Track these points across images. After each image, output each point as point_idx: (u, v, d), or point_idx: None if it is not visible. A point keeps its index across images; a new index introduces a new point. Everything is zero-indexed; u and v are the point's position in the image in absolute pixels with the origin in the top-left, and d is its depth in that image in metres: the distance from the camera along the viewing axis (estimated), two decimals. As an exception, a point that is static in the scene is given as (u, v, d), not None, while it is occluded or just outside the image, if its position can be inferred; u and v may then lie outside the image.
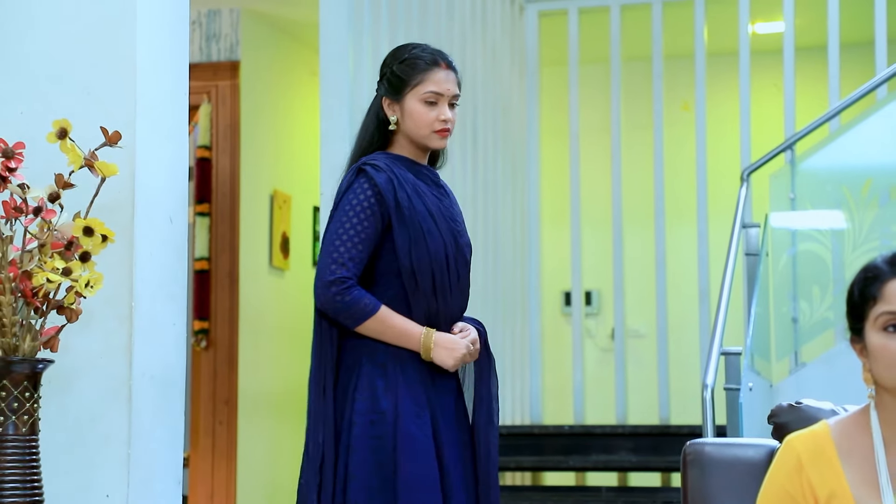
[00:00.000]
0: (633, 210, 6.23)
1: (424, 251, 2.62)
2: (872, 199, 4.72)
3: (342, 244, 2.61)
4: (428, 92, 2.68)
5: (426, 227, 2.63)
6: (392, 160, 2.69)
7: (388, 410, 2.60)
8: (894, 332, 1.80)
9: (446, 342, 2.64)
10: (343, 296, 2.59)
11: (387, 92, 2.72)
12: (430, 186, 2.72)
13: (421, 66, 2.69)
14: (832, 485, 1.84)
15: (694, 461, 2.33)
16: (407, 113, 2.69)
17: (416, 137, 2.70)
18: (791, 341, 4.67)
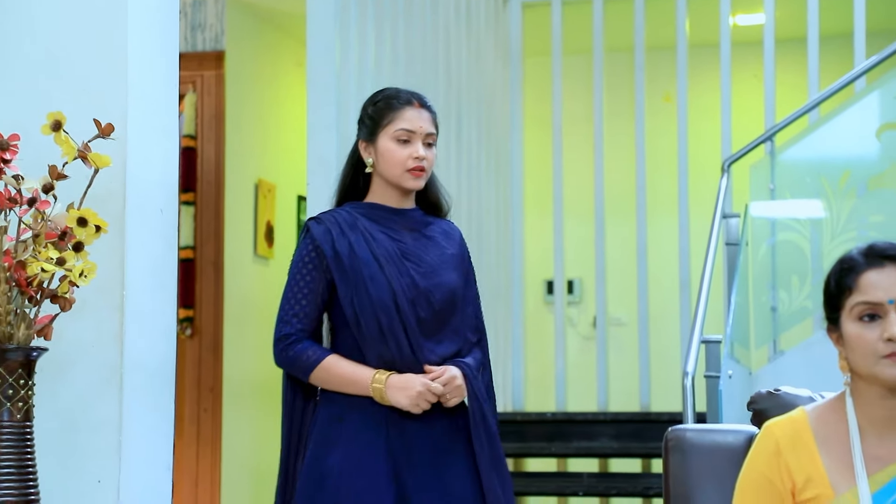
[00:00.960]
0: (615, 200, 6.28)
1: (366, 297, 2.57)
2: (850, 190, 4.78)
3: (286, 302, 2.66)
4: (399, 130, 2.65)
5: (367, 272, 2.59)
6: (353, 209, 2.69)
7: (336, 466, 2.56)
8: (869, 322, 1.85)
9: (399, 381, 2.56)
10: (287, 351, 2.64)
11: (362, 134, 2.71)
12: (392, 230, 2.67)
13: (394, 105, 2.67)
14: (809, 469, 1.90)
15: (675, 447, 2.37)
16: (380, 153, 2.66)
17: (390, 178, 2.67)
18: (770, 330, 4.73)
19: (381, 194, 2.71)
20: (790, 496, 1.90)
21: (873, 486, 1.85)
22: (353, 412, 2.59)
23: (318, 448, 2.60)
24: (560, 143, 6.05)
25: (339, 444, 2.58)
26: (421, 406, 2.56)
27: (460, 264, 2.75)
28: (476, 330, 2.77)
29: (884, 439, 1.87)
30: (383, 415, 2.58)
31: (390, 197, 2.70)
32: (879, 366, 1.83)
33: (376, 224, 2.66)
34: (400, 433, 2.58)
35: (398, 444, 2.58)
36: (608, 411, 5.74)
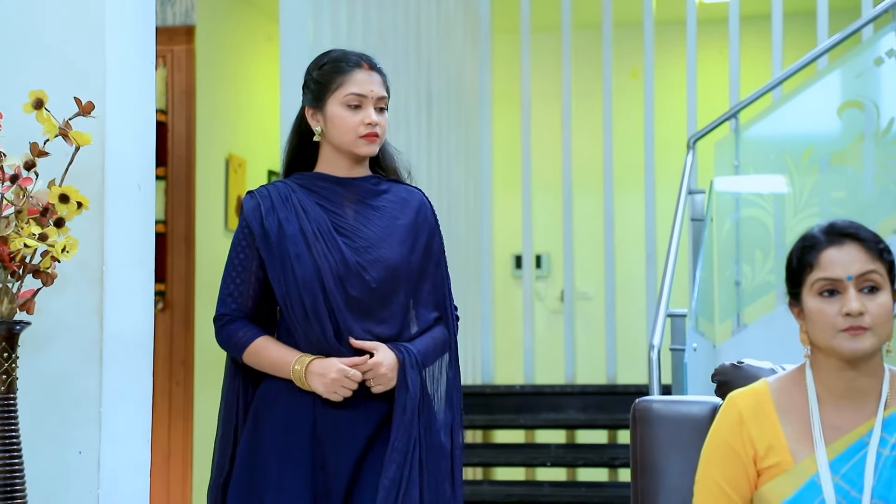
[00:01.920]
0: (582, 175, 6.34)
1: (291, 277, 2.43)
2: (813, 167, 4.87)
3: (223, 281, 2.56)
4: (350, 94, 2.48)
5: (294, 251, 2.44)
6: (291, 180, 2.54)
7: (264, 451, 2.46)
8: (829, 297, 1.92)
9: (317, 367, 2.42)
10: (220, 332, 2.56)
11: (308, 100, 2.54)
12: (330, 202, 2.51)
13: (343, 68, 2.50)
14: (770, 438, 1.97)
15: (642, 418, 2.44)
16: (330, 119, 2.50)
17: (342, 145, 2.50)
18: (734, 304, 4.82)
19: (330, 163, 2.54)
20: (752, 464, 1.98)
21: (831, 453, 1.92)
22: (283, 395, 2.47)
23: (252, 433, 2.50)
24: (528, 119, 6.10)
25: (268, 429, 2.47)
26: (339, 393, 2.41)
27: (412, 235, 2.54)
28: (436, 306, 2.57)
29: (841, 409, 1.95)
30: (311, 401, 2.45)
31: (339, 165, 2.53)
32: (838, 339, 1.91)
33: (315, 196, 2.51)
34: (331, 420, 2.45)
35: (327, 431, 2.45)
36: (575, 384, 5.82)
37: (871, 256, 1.92)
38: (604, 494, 5.49)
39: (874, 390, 1.94)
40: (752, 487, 1.98)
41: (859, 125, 4.81)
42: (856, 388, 1.94)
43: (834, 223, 1.97)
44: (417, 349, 2.50)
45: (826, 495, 1.89)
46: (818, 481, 1.91)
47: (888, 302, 1.92)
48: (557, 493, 5.42)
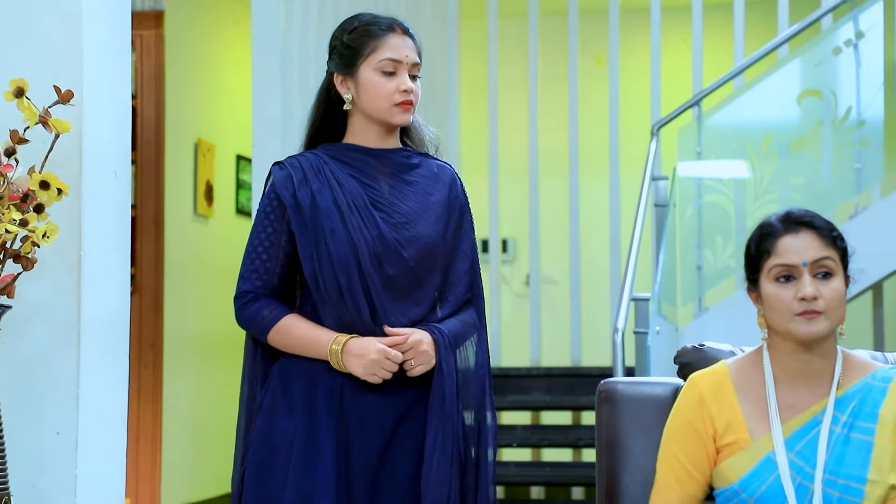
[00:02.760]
0: (548, 161, 6.42)
1: (325, 253, 2.30)
2: (773, 154, 4.98)
3: (247, 257, 2.40)
4: (384, 59, 2.34)
5: (328, 225, 2.30)
6: (326, 152, 2.40)
7: (287, 433, 2.32)
8: (785, 283, 2.01)
9: (355, 347, 2.28)
10: (242, 311, 2.40)
11: (338, 66, 2.39)
12: (365, 175, 2.37)
13: (375, 32, 2.36)
14: (729, 417, 2.06)
15: (607, 398, 2.52)
16: (362, 86, 2.35)
17: (374, 113, 2.36)
18: (695, 288, 4.92)
19: (360, 133, 2.40)
20: (712, 441, 2.07)
21: (786, 431, 2.01)
22: (307, 374, 2.34)
23: (269, 413, 2.36)
24: (495, 104, 6.16)
25: (287, 410, 2.34)
26: (379, 375, 2.27)
27: (446, 212, 2.40)
28: (469, 287, 2.44)
29: (796, 389, 2.04)
30: (339, 382, 2.31)
31: (371, 136, 2.39)
32: (794, 323, 1.99)
33: (347, 168, 2.37)
34: (358, 404, 2.31)
35: (354, 415, 2.31)
36: (541, 366, 5.90)
37: (825, 244, 2.01)
38: (568, 474, 5.60)
39: (827, 371, 2.03)
40: (711, 464, 2.07)
41: (818, 113, 4.92)
42: (810, 369, 2.03)
43: (790, 212, 2.06)
44: (449, 330, 2.36)
45: (781, 471, 1.98)
46: (774, 458, 2.00)
47: (841, 287, 2.01)
48: (523, 472, 5.51)
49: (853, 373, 2.04)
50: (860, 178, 4.80)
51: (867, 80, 4.77)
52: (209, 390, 6.56)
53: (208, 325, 6.53)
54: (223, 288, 6.72)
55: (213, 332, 6.61)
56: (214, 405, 6.63)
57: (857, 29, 4.77)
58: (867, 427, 1.97)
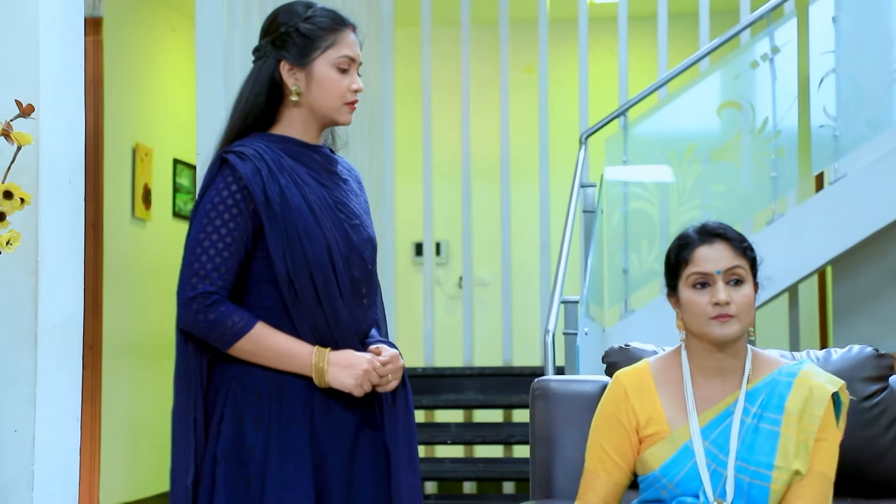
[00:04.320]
0: (481, 167, 6.58)
1: (300, 254, 2.17)
2: (695, 162, 5.20)
3: (204, 252, 2.19)
4: (342, 56, 2.23)
5: (303, 224, 2.18)
6: (269, 143, 2.25)
7: (257, 447, 2.19)
8: (701, 289, 2.20)
9: (342, 359, 2.19)
10: (206, 314, 2.17)
11: (289, 55, 2.24)
12: (317, 173, 2.27)
13: (335, 27, 2.25)
14: (650, 410, 2.24)
15: (540, 395, 2.70)
16: (316, 80, 2.23)
17: (323, 110, 2.25)
18: (622, 290, 5.12)
19: (298, 126, 2.27)
20: (635, 433, 2.25)
21: (702, 422, 2.20)
22: (271, 391, 2.21)
23: (236, 426, 2.22)
24: (429, 110, 6.29)
25: (261, 424, 2.21)
26: (364, 387, 2.20)
27: (368, 209, 2.38)
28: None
29: (711, 384, 2.23)
30: (309, 393, 2.22)
31: (311, 131, 2.28)
32: (708, 325, 2.19)
33: (300, 164, 2.25)
34: (326, 414, 2.24)
35: (324, 428, 2.23)
36: (473, 366, 6.06)
37: (736, 253, 2.21)
38: (500, 469, 5.78)
39: (738, 368, 2.23)
40: (635, 453, 2.26)
41: (737, 124, 5.14)
42: (723, 366, 2.23)
43: (705, 225, 2.25)
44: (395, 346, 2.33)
45: (698, 458, 2.18)
46: (691, 446, 2.19)
47: (751, 293, 2.21)
48: (457, 468, 5.68)
49: (761, 369, 2.24)
50: (777, 185, 5.03)
51: (782, 93, 5.00)
52: (147, 391, 6.65)
53: (146, 326, 6.62)
54: (160, 290, 6.84)
55: (151, 334, 6.70)
56: (152, 406, 6.72)
57: (773, 44, 5.00)
58: (774, 418, 2.17)
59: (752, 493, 2.14)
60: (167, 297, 7.36)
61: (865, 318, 5.32)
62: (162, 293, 6.86)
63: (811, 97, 4.94)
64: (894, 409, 2.49)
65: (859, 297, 5.33)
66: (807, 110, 4.97)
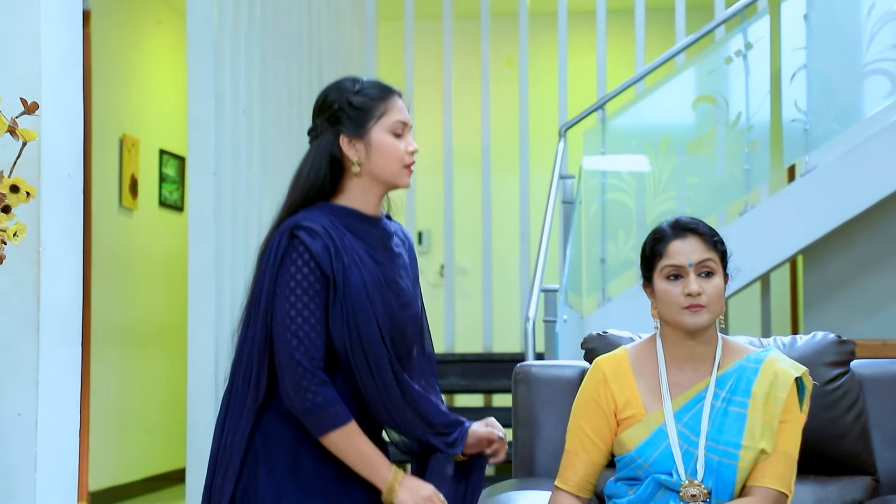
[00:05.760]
0: (462, 157, 6.70)
1: (355, 333, 2.26)
2: (670, 154, 5.34)
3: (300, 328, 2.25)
4: (396, 122, 2.33)
5: (359, 304, 2.26)
6: (332, 217, 2.32)
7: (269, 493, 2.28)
8: (675, 281, 2.34)
9: (412, 483, 2.28)
10: (315, 394, 2.23)
11: (347, 128, 2.33)
12: (374, 249, 2.35)
13: (385, 95, 2.35)
14: (627, 394, 2.38)
15: (522, 380, 2.84)
16: (375, 148, 2.32)
17: (384, 176, 2.33)
18: (599, 279, 5.25)
19: (360, 196, 2.36)
20: (613, 416, 2.39)
21: (675, 406, 2.34)
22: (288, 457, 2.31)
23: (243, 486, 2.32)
24: (411, 102, 6.37)
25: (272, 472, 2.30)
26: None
27: (417, 277, 2.48)
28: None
29: (684, 371, 2.37)
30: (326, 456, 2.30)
31: (372, 199, 2.36)
32: (681, 315, 2.32)
33: (359, 241, 2.33)
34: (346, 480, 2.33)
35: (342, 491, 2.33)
36: (455, 352, 6.18)
37: (707, 247, 2.35)
38: (481, 453, 5.90)
39: (709, 355, 2.37)
40: (612, 435, 2.40)
41: (712, 117, 5.28)
42: (695, 353, 2.37)
43: (679, 219, 2.39)
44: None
45: (671, 440, 2.32)
46: (665, 429, 2.33)
47: (721, 284, 2.35)
48: (438, 452, 5.81)
49: (731, 356, 2.38)
50: (749, 177, 5.18)
51: (755, 88, 5.14)
52: (134, 378, 6.76)
53: (133, 314, 6.73)
54: (147, 278, 6.95)
55: (138, 321, 6.81)
56: (139, 392, 6.83)
57: (747, 40, 5.15)
58: (742, 401, 2.32)
59: (721, 471, 2.29)
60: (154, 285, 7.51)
61: (835, 305, 5.48)
62: (148, 281, 6.97)
63: (783, 92, 5.07)
64: (855, 392, 2.65)
65: (829, 285, 5.49)
66: (779, 105, 5.10)
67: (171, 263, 7.03)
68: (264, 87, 5.03)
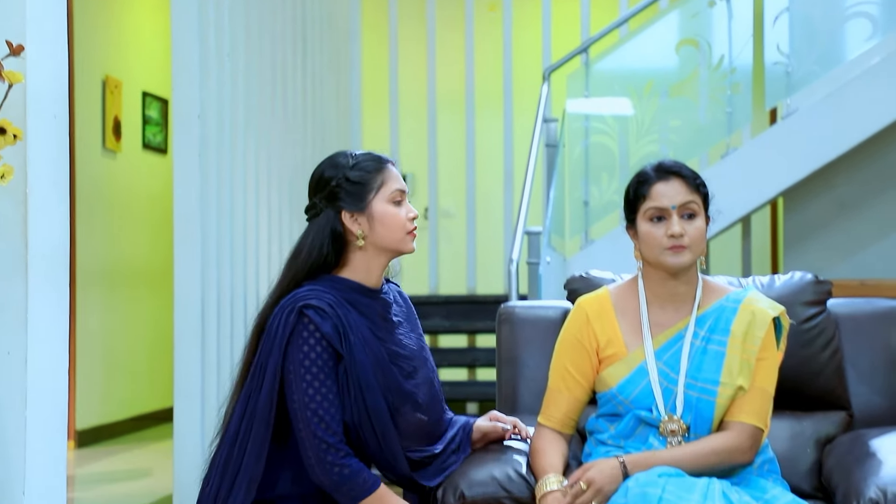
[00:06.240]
0: (446, 101, 6.71)
1: (363, 407, 2.32)
2: (653, 98, 5.36)
3: (319, 406, 2.29)
4: (395, 190, 2.39)
5: (364, 379, 2.32)
6: (336, 292, 2.37)
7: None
8: (658, 222, 2.38)
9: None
10: (342, 467, 2.28)
11: (348, 204, 2.37)
12: (375, 325, 2.40)
13: (380, 167, 2.41)
14: (609, 333, 2.44)
15: (506, 320, 2.88)
16: (378, 219, 2.37)
17: (388, 244, 2.39)
18: (582, 221, 5.30)
19: (363, 268, 2.41)
20: (595, 354, 2.44)
21: (655, 344, 2.40)
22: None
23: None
24: (396, 47, 6.39)
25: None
26: None
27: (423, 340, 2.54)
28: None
29: (665, 310, 2.42)
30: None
31: (375, 270, 2.42)
32: (664, 255, 2.37)
33: (362, 317, 2.38)
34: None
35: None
36: (439, 294, 6.24)
37: (690, 189, 2.39)
38: (465, 391, 6.00)
39: (690, 295, 2.42)
40: (594, 372, 2.45)
41: (694, 61, 5.30)
42: (676, 293, 2.42)
43: (662, 163, 2.43)
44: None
45: (651, 377, 2.38)
46: (646, 366, 2.39)
47: (702, 225, 2.40)
48: (422, 393, 5.88)
49: (711, 296, 2.43)
50: (731, 120, 5.21)
51: (738, 31, 5.15)
52: (119, 319, 6.79)
53: (117, 255, 6.75)
54: (131, 220, 6.96)
55: (122, 262, 6.83)
56: (124, 333, 6.87)
57: (730, -17, 5.17)
58: (721, 340, 2.37)
59: (699, 406, 2.35)
60: (137, 228, 7.53)
61: (814, 246, 5.55)
62: (132, 223, 6.98)
63: (765, 35, 5.09)
64: (831, 330, 2.71)
65: (809, 226, 5.55)
66: (761, 48, 5.13)
67: (155, 206, 7.04)
68: (249, 30, 5.02)
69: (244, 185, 5.19)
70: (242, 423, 2.33)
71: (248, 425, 2.32)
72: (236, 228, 5.11)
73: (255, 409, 2.31)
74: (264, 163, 5.43)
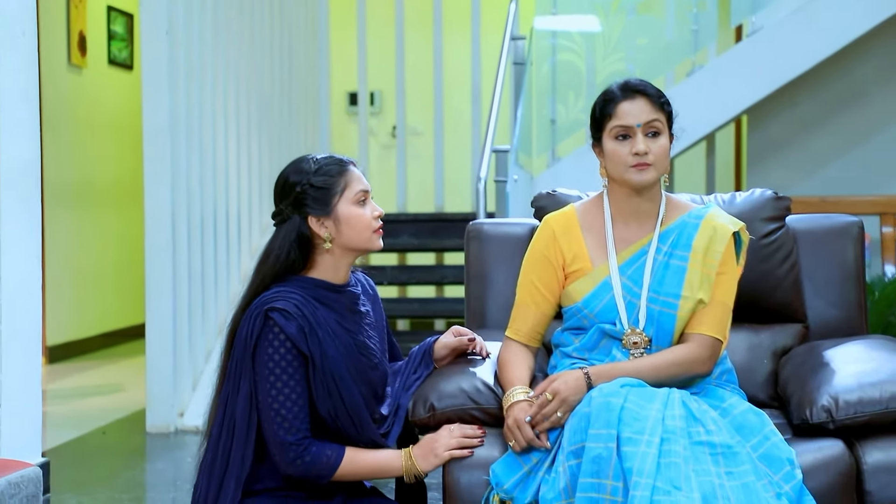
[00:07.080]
0: (413, 18, 6.69)
1: (339, 400, 2.41)
2: (621, 14, 5.39)
3: (282, 406, 2.37)
4: (358, 192, 2.45)
5: (338, 374, 2.41)
6: (303, 292, 2.43)
7: None
8: (623, 141, 2.43)
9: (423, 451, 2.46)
10: (303, 457, 2.38)
11: (314, 209, 2.42)
12: (343, 318, 2.47)
13: (341, 169, 2.46)
14: (575, 249, 2.50)
15: (474, 237, 2.93)
16: (344, 222, 2.43)
17: (356, 244, 2.46)
18: (549, 140, 5.35)
19: (331, 268, 2.47)
20: (561, 269, 2.51)
21: (620, 260, 2.46)
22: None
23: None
24: (362, -39, 6.37)
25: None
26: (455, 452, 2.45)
27: (385, 331, 2.64)
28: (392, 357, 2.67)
29: (629, 226, 2.48)
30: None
31: (342, 269, 2.48)
32: (628, 173, 2.42)
33: (330, 311, 2.45)
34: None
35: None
36: (407, 212, 6.30)
37: (655, 108, 2.44)
38: (433, 308, 6.09)
39: (654, 211, 2.49)
40: (560, 287, 2.52)
41: (662, -22, 5.33)
42: (640, 210, 2.48)
43: (628, 81, 2.47)
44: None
45: (615, 291, 2.45)
46: (610, 281, 2.46)
47: (666, 143, 2.45)
48: (392, 308, 5.96)
49: (674, 212, 2.50)
50: (697, 38, 5.25)
51: (705, -52, 5.19)
52: (88, 236, 6.81)
53: (85, 172, 6.74)
54: (98, 137, 6.94)
55: (90, 180, 6.84)
56: (93, 250, 6.89)
57: None
58: (682, 255, 2.44)
59: (661, 319, 2.42)
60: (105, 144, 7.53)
61: (777, 164, 5.64)
62: (100, 139, 6.97)
63: (732, -49, 5.12)
64: (789, 245, 2.79)
65: (772, 144, 5.63)
66: (729, -34, 5.17)
67: (122, 122, 7.01)
68: (215, -56, 4.99)
69: (213, 102, 5.19)
70: (223, 426, 2.41)
71: (230, 428, 2.41)
72: (205, 145, 5.13)
73: (234, 413, 2.40)
74: (233, 80, 5.43)
